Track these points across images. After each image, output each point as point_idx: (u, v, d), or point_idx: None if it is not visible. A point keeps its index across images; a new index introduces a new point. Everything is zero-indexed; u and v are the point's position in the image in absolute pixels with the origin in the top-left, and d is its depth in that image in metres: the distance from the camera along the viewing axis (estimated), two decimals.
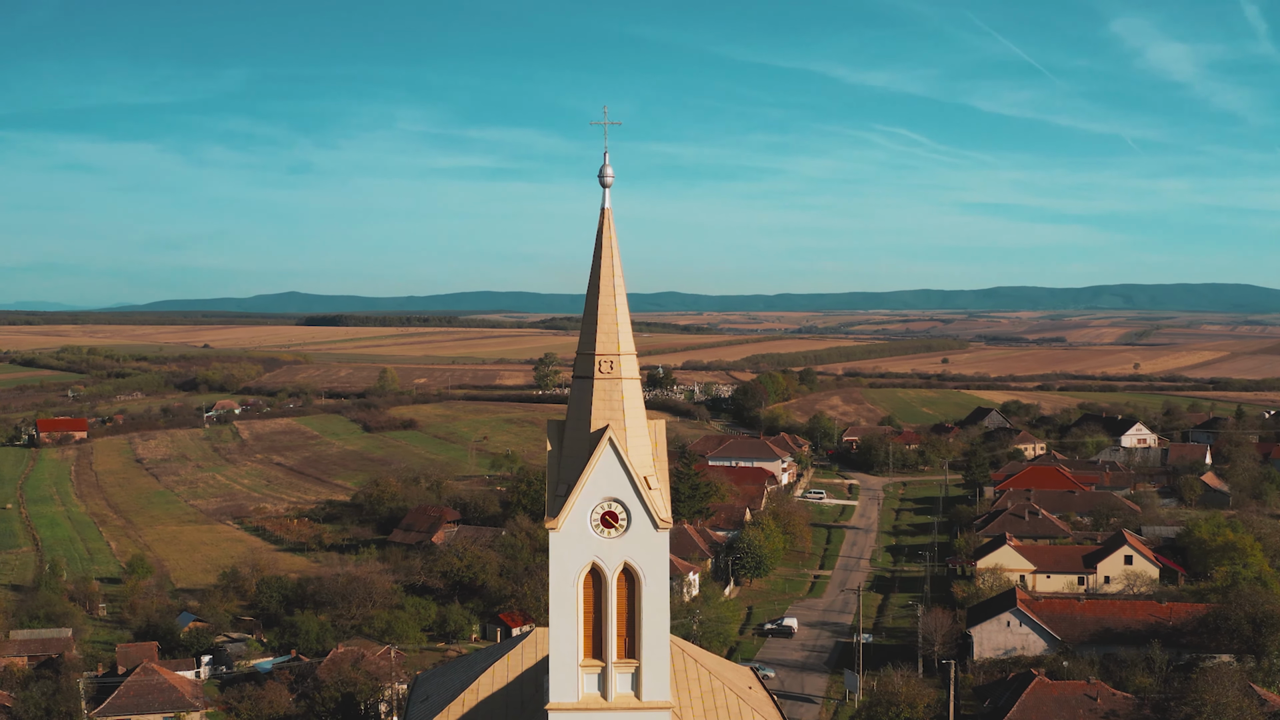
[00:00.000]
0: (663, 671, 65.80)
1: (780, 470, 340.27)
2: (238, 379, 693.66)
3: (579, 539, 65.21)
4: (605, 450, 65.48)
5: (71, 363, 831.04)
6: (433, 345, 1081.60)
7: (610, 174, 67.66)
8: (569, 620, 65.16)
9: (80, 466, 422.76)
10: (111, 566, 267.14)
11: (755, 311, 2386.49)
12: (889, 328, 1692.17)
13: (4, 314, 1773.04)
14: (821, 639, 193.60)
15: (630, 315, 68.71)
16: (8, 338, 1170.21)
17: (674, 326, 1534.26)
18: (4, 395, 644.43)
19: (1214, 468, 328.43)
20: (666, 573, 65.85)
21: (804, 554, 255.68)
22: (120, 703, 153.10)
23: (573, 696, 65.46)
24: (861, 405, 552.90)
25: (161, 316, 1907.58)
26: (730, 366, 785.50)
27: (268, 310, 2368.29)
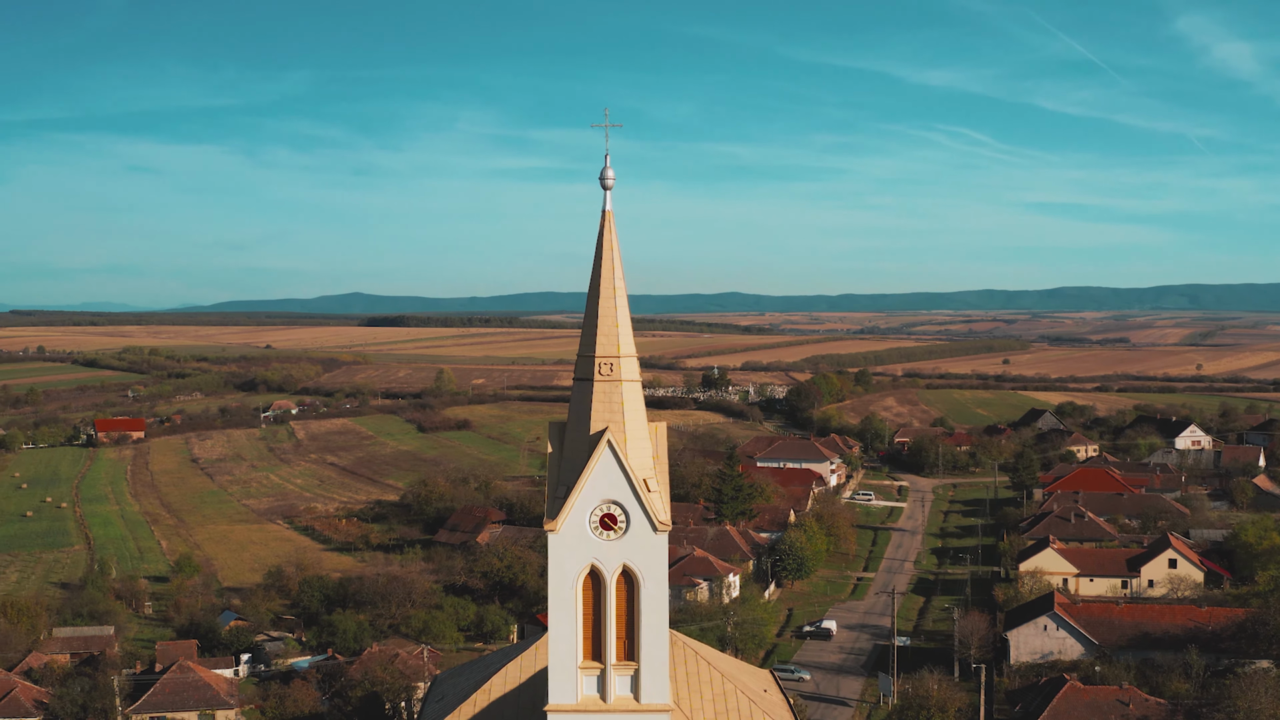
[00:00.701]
0: (661, 673, 65.65)
1: (829, 472, 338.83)
2: (296, 379, 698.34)
3: (578, 541, 65.19)
4: (604, 452, 65.41)
5: (133, 363, 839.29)
6: (493, 346, 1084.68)
7: (611, 176, 67.69)
8: (568, 622, 65.16)
9: (136, 466, 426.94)
10: (161, 565, 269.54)
11: (818, 312, 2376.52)
12: (951, 328, 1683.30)
13: (70, 315, 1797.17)
14: (860, 642, 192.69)
15: (693, 315, 68.13)
16: (73, 339, 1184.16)
17: (735, 327, 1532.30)
18: (65, 395, 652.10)
19: (1268, 470, 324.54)
20: (665, 575, 65.64)
21: (848, 556, 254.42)
22: (155, 700, 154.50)
23: (572, 698, 65.45)
24: (916, 406, 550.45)
25: (225, 317, 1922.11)
26: (790, 367, 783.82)
27: (331, 311, 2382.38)
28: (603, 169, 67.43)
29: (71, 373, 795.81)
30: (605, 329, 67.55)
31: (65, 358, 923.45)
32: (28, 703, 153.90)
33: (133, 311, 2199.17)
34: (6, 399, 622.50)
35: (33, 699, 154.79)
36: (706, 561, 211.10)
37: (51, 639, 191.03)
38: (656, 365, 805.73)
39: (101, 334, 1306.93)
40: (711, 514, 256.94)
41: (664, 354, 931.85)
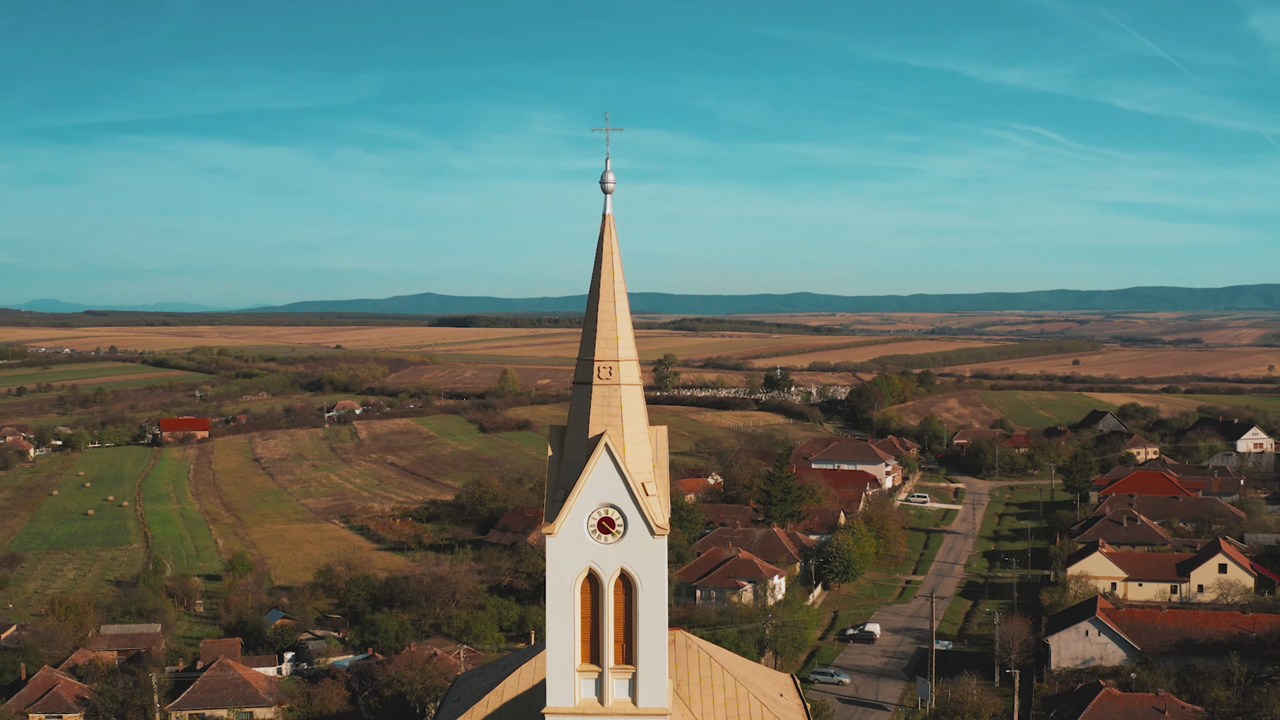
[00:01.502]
0: (659, 677, 65.35)
1: (884, 474, 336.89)
2: (362, 380, 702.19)
3: (576, 544, 65.01)
4: (602, 456, 65.26)
5: (202, 363, 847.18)
6: (561, 346, 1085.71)
7: (612, 180, 67.53)
8: (566, 625, 65.03)
9: (199, 465, 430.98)
10: (216, 564, 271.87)
11: (889, 312, 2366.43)
12: (1023, 329, 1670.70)
13: (143, 315, 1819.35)
14: (904, 645, 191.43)
15: (763, 316, 68.03)
16: (145, 339, 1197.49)
17: (805, 327, 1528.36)
18: (133, 395, 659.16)
19: None
20: (664, 579, 65.25)
21: (898, 559, 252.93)
22: (194, 697, 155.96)
23: (569, 701, 65.36)
24: (978, 408, 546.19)
25: (297, 318, 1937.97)
26: (857, 368, 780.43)
27: (403, 311, 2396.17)
28: (603, 173, 67.29)
29: (141, 372, 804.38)
30: (604, 333, 67.32)
31: (135, 358, 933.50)
32: (69, 699, 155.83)
33: (205, 312, 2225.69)
34: (75, 398, 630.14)
35: (74, 695, 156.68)
36: (751, 564, 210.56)
37: (99, 636, 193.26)
38: (723, 366, 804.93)
39: (174, 334, 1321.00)
40: (760, 516, 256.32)
41: (731, 354, 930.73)
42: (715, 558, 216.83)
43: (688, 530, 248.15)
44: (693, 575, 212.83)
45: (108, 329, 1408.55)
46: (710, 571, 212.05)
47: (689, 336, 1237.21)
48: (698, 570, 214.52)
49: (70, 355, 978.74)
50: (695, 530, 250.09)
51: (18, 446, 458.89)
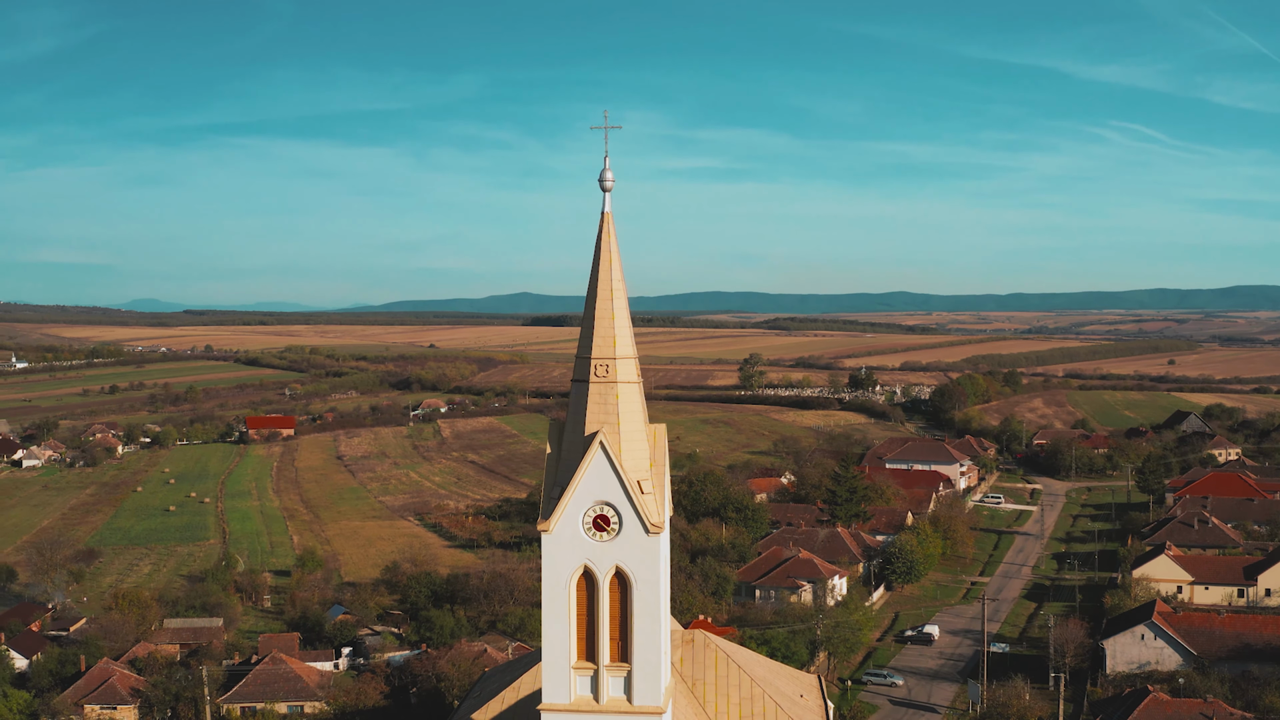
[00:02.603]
0: (654, 676, 65.35)
1: (958, 474, 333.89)
2: (450, 378, 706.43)
3: (571, 541, 65.37)
4: (596, 454, 65.59)
5: (293, 362, 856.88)
6: (653, 345, 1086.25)
7: (610, 178, 67.67)
8: (561, 622, 65.34)
9: (283, 463, 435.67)
10: (289, 560, 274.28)
11: (985, 311, 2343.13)
12: (1121, 328, 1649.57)
13: (240, 315, 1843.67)
14: (962, 647, 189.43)
15: (858, 315, 67.85)
16: (240, 338, 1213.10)
17: (899, 327, 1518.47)
18: (224, 393, 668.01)
19: None
20: (659, 577, 65.26)
21: (965, 560, 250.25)
22: (246, 691, 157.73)
23: (565, 698, 65.67)
24: (1062, 408, 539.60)
25: (393, 317, 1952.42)
26: (949, 367, 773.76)
27: (499, 311, 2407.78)
28: (602, 171, 67.39)
29: (232, 371, 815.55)
30: (602, 331, 67.67)
31: (229, 356, 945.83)
32: (124, 691, 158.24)
33: (302, 311, 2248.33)
34: (166, 397, 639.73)
35: (129, 687, 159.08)
36: (811, 564, 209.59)
37: (162, 630, 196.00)
38: (814, 365, 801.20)
39: (269, 333, 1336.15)
40: (826, 516, 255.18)
41: (823, 354, 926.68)
42: (776, 557, 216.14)
43: (753, 530, 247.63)
44: (752, 575, 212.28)
45: (204, 328, 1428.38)
46: (770, 571, 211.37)
47: (781, 336, 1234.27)
48: (758, 570, 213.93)
49: (165, 354, 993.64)
50: (761, 530, 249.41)
51: (106, 444, 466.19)
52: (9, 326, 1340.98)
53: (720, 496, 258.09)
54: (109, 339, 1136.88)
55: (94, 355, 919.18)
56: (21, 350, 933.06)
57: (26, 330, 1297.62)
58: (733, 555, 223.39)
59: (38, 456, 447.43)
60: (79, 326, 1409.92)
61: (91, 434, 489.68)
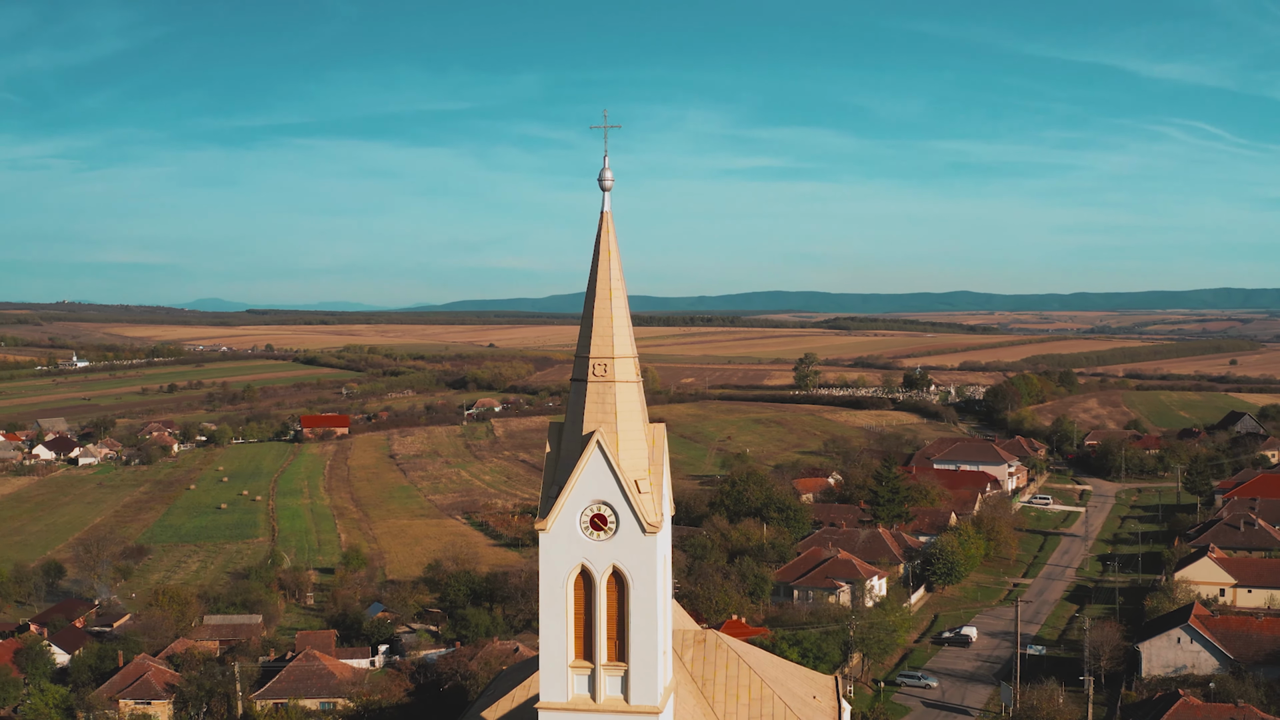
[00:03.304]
0: (651, 675, 65.21)
1: (1006, 475, 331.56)
2: (506, 378, 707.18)
3: (568, 540, 65.41)
4: (593, 453, 65.51)
5: (351, 361, 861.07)
6: (713, 345, 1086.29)
7: (610, 178, 67.61)
8: (558, 621, 65.43)
9: (335, 462, 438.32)
10: (336, 558, 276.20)
11: (1048, 311, 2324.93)
12: (1184, 328, 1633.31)
13: (302, 314, 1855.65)
14: (1000, 649, 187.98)
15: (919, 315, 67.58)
16: (301, 337, 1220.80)
17: (960, 326, 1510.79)
18: (281, 392, 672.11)
19: None
20: (656, 576, 65.12)
21: (1008, 561, 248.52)
22: (279, 687, 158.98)
23: (563, 697, 65.73)
24: (1116, 409, 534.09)
25: (454, 316, 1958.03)
26: (1008, 367, 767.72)
27: (561, 310, 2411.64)
28: (601, 170, 67.31)
29: (291, 370, 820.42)
30: (600, 330, 67.66)
31: (288, 355, 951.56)
32: (159, 686, 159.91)
33: (364, 311, 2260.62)
34: (224, 395, 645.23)
35: (164, 683, 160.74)
36: (850, 564, 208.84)
37: (202, 626, 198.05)
38: (872, 365, 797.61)
39: (330, 333, 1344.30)
40: (869, 516, 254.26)
41: (882, 354, 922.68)
42: (814, 558, 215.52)
43: (795, 530, 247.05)
44: (791, 575, 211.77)
45: (265, 328, 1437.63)
46: (808, 572, 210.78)
47: (841, 335, 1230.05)
48: (796, 570, 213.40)
49: (224, 354, 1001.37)
50: (803, 530, 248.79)
51: (162, 442, 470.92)
52: (72, 326, 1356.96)
53: (763, 496, 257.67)
54: (171, 338, 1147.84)
55: (154, 354, 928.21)
56: (83, 350, 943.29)
57: (89, 330, 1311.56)
58: (772, 555, 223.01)
59: (94, 455, 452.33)
60: (142, 326, 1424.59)
61: (148, 432, 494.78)
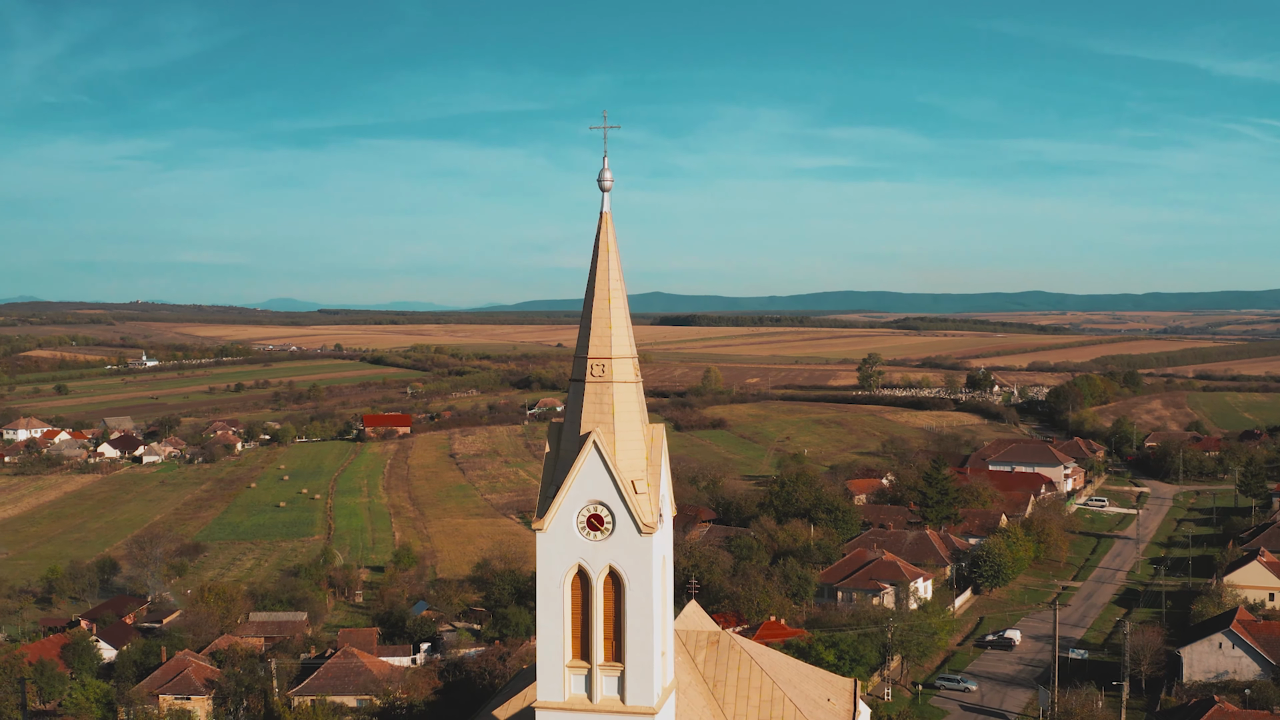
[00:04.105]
0: (647, 676, 65.21)
1: (1062, 476, 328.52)
2: (566, 377, 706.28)
3: (565, 540, 65.49)
4: (589, 454, 65.66)
5: (417, 361, 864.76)
6: (780, 345, 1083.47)
7: (609, 178, 67.49)
8: (555, 620, 65.55)
9: (396, 460, 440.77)
10: (389, 556, 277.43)
11: (1121, 311, 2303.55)
12: (1259, 328, 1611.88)
13: (372, 314, 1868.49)
14: (1043, 653, 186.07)
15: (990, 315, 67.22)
16: (370, 337, 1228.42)
17: (1031, 327, 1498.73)
18: (346, 391, 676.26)
19: None
20: (653, 577, 65.12)
21: (1058, 564, 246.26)
22: (316, 684, 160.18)
23: (559, 696, 65.83)
24: (1179, 410, 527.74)
25: (524, 316, 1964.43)
26: (1077, 368, 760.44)
27: (632, 310, 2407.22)
28: (600, 171, 67.20)
29: (358, 370, 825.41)
30: (598, 330, 67.64)
31: (355, 355, 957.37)
32: (198, 681, 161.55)
33: (434, 311, 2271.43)
34: (290, 394, 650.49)
35: (204, 678, 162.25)
36: (894, 566, 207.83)
37: (247, 623, 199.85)
38: (940, 365, 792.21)
39: (399, 333, 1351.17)
40: (918, 517, 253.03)
41: (950, 354, 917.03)
42: (859, 559, 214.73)
43: (843, 530, 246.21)
44: (835, 576, 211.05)
45: (335, 327, 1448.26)
46: (853, 573, 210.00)
47: (910, 336, 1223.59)
48: (841, 571, 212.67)
49: (293, 353, 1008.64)
50: (851, 531, 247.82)
51: (226, 441, 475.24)
52: (145, 326, 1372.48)
53: (812, 497, 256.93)
54: (242, 338, 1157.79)
55: (223, 354, 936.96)
56: (153, 349, 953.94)
57: (161, 329, 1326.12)
58: (818, 556, 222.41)
59: (158, 453, 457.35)
60: (214, 325, 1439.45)
61: (212, 431, 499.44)
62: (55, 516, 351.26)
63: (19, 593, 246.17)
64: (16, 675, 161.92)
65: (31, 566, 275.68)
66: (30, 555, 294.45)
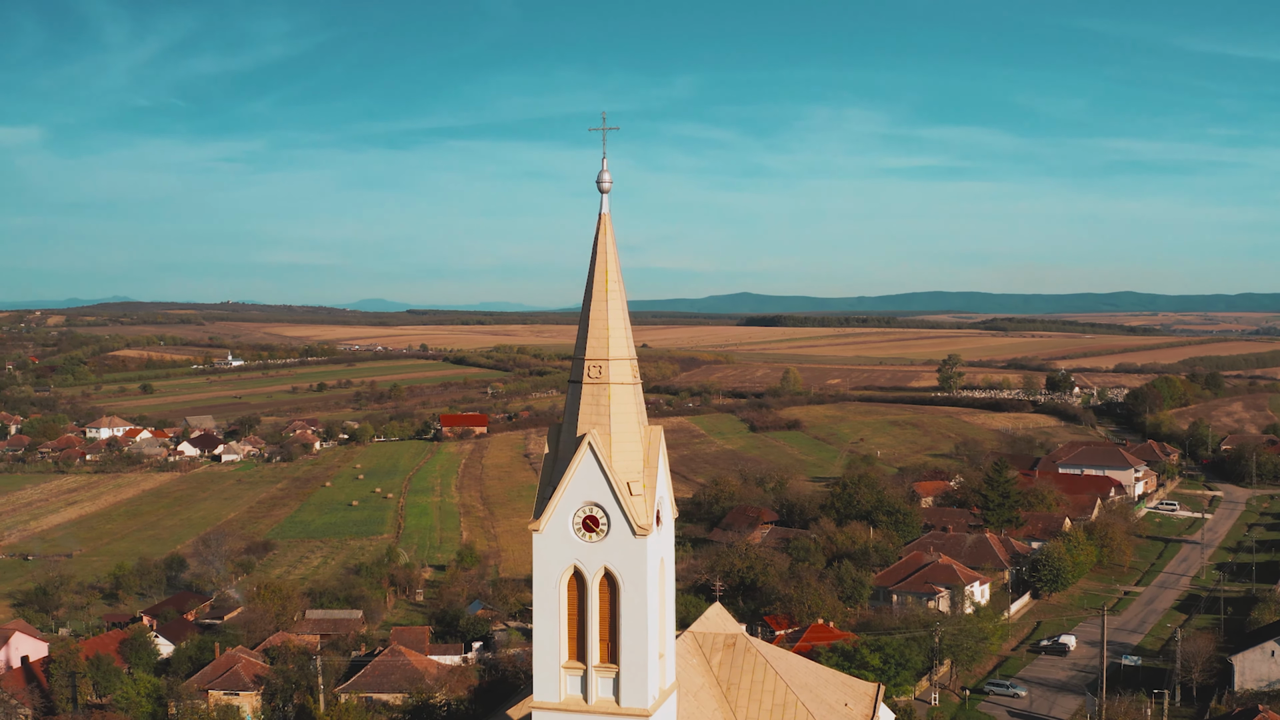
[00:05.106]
0: (641, 678, 65.57)
1: (1133, 479, 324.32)
2: (649, 378, 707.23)
3: (561, 541, 66.11)
4: (585, 455, 66.34)
5: (499, 361, 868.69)
6: (866, 346, 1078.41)
7: (608, 179, 67.87)
8: (551, 621, 66.14)
9: (471, 460, 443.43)
10: (453, 555, 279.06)
11: (1213, 311, 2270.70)
12: None
13: (459, 314, 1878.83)
14: (1098, 659, 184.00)
15: (1079, 315, 67.06)
16: (455, 337, 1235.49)
17: (1121, 328, 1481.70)
18: (427, 391, 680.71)
19: None
20: (647, 579, 65.45)
21: (1122, 568, 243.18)
22: (363, 681, 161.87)
23: (555, 696, 66.37)
24: (1260, 412, 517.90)
25: None
26: (1164, 369, 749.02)
27: (719, 311, 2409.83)
28: (599, 172, 67.60)
29: (440, 370, 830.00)
30: (595, 331, 68.04)
31: (439, 355, 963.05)
32: (247, 678, 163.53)
33: (521, 311, 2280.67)
34: (371, 394, 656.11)
35: (253, 674, 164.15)
36: (950, 569, 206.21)
37: (304, 620, 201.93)
38: (1026, 366, 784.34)
39: (485, 333, 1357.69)
40: (979, 520, 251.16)
41: (1036, 355, 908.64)
42: (915, 562, 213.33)
43: (904, 533, 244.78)
44: (891, 579, 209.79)
45: (422, 328, 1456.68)
46: (908, 576, 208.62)
47: (997, 336, 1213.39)
48: (896, 574, 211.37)
49: (377, 353, 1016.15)
50: (912, 533, 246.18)
51: (304, 440, 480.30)
52: (234, 326, 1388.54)
53: (873, 499, 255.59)
54: (329, 338, 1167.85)
55: (307, 354, 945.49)
56: (239, 349, 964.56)
57: (250, 329, 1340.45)
58: (876, 559, 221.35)
59: (236, 452, 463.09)
60: (302, 326, 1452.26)
61: (291, 430, 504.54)
62: (131, 514, 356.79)
63: (87, 589, 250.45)
64: (68, 670, 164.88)
65: (103, 563, 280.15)
66: (103, 552, 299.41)
